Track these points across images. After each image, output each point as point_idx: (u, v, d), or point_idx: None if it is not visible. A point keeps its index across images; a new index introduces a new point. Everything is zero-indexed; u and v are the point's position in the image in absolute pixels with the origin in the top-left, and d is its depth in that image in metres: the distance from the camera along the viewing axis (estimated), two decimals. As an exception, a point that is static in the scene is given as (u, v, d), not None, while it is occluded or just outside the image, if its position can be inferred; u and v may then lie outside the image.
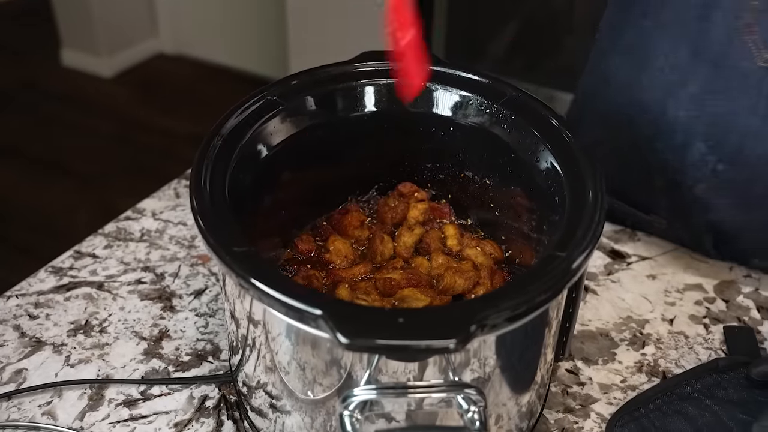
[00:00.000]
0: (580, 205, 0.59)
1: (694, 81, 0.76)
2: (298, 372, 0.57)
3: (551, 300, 0.53)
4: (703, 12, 0.74)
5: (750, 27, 0.71)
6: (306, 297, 0.50)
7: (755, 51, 0.72)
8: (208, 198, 0.59)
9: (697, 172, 0.80)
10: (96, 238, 0.87)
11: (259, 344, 0.59)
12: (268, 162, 0.69)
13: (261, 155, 0.68)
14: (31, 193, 2.58)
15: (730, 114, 0.75)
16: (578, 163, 0.64)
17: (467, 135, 0.75)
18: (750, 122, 0.75)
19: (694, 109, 0.77)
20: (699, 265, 0.87)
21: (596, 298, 0.82)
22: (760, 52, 0.72)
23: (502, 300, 0.50)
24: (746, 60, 0.72)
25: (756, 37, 0.71)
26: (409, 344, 0.47)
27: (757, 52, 0.72)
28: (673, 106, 0.78)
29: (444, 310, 0.52)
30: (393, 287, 0.65)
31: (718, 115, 0.76)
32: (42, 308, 0.78)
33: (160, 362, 0.73)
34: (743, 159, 0.77)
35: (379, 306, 0.62)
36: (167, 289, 0.81)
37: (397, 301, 0.64)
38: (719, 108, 0.76)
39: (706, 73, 0.75)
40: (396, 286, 0.65)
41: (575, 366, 0.74)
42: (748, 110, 0.74)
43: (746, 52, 0.72)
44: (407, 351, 0.48)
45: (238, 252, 0.54)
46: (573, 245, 0.56)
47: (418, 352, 0.49)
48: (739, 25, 0.71)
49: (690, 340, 0.77)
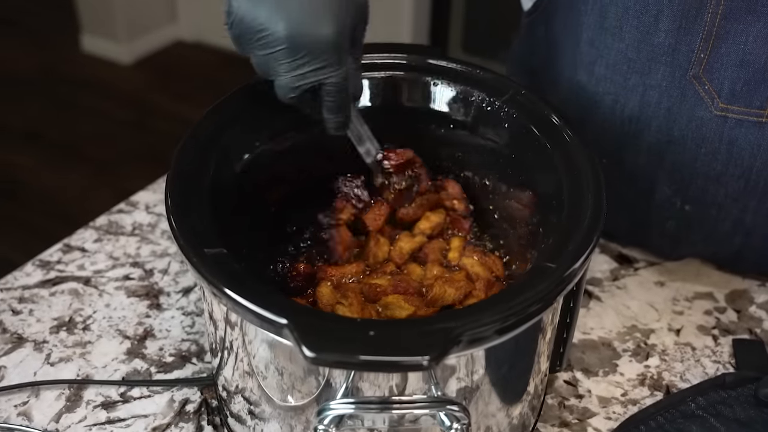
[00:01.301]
0: (577, 213, 0.56)
1: (648, 131, 0.74)
2: (275, 378, 0.55)
3: (538, 315, 0.50)
4: (646, 66, 0.71)
5: (700, 78, 0.69)
6: (273, 305, 0.47)
7: (708, 100, 0.70)
8: (184, 195, 0.56)
9: (665, 212, 0.78)
10: (87, 231, 0.85)
11: (236, 347, 0.56)
12: (257, 156, 0.66)
13: (250, 149, 0.66)
14: (48, 177, 2.58)
15: (690, 160, 0.74)
16: (579, 167, 0.60)
17: (467, 133, 0.72)
18: (712, 167, 0.73)
19: (653, 157, 0.76)
20: (710, 272, 0.83)
21: (600, 305, 0.78)
22: (714, 101, 0.70)
23: (483, 314, 0.47)
24: (701, 109, 0.71)
25: (708, 86, 0.69)
26: (379, 360, 0.44)
27: (710, 101, 0.70)
28: (630, 155, 0.77)
29: (420, 324, 0.49)
30: (378, 293, 0.62)
31: (679, 163, 0.75)
32: (26, 303, 0.76)
33: (142, 363, 0.70)
34: (709, 199, 0.75)
35: (359, 312, 0.59)
36: (155, 285, 0.79)
37: (381, 307, 0.61)
38: (678, 156, 0.74)
39: (660, 123, 0.73)
40: (381, 293, 0.62)
41: (574, 377, 0.71)
42: (710, 157, 0.73)
43: (700, 101, 0.71)
44: (377, 367, 0.45)
45: (209, 254, 0.51)
46: (565, 256, 0.52)
47: (390, 368, 0.46)
48: (689, 77, 0.70)
49: (697, 352, 0.74)
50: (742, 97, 0.69)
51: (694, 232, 0.79)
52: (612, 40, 0.72)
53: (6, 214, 2.43)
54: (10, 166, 2.61)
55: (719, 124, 0.71)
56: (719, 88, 0.70)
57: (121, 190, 2.54)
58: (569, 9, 0.76)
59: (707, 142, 0.72)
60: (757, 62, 0.67)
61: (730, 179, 0.73)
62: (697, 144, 0.73)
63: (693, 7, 0.67)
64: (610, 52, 0.73)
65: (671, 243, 0.81)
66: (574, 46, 0.76)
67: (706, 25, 0.67)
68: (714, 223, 0.77)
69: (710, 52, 0.68)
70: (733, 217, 0.76)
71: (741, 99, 0.69)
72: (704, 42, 0.68)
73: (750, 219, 0.76)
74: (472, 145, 0.72)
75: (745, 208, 0.75)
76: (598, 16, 0.72)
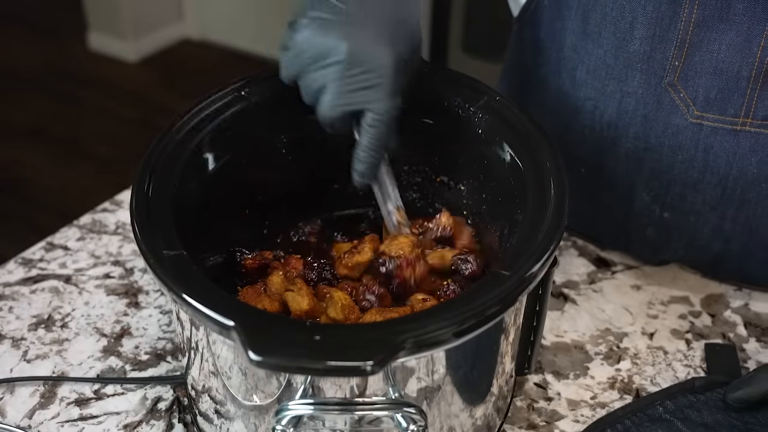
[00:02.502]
0: (537, 223, 0.56)
1: (625, 137, 0.75)
2: (239, 377, 0.56)
3: (487, 322, 0.50)
4: (623, 72, 0.72)
5: (675, 86, 0.70)
6: (221, 306, 0.48)
7: (684, 108, 0.70)
8: (149, 197, 0.57)
9: (645, 219, 0.79)
10: (70, 229, 0.86)
11: (201, 347, 0.57)
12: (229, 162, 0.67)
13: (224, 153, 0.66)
14: (51, 174, 2.60)
15: (668, 167, 0.74)
16: (546, 180, 0.60)
17: (443, 138, 0.72)
18: (689, 175, 0.74)
19: (632, 164, 0.76)
20: (688, 276, 0.83)
21: (575, 308, 0.79)
22: (689, 108, 0.70)
23: (429, 320, 0.47)
24: (677, 116, 0.71)
25: (683, 94, 0.70)
26: (324, 366, 0.44)
27: (686, 108, 0.70)
28: (610, 161, 0.77)
29: (366, 329, 0.49)
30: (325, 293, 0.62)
31: (656, 170, 0.75)
32: (6, 300, 0.77)
33: (117, 360, 0.71)
34: (688, 207, 0.76)
35: (309, 301, 0.60)
36: (135, 284, 0.80)
37: (326, 302, 0.61)
38: (656, 163, 0.74)
39: (637, 130, 0.74)
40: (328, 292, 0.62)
41: (544, 380, 0.71)
42: (686, 164, 0.73)
43: (675, 108, 0.71)
44: (321, 372, 0.46)
45: (167, 256, 0.52)
46: (519, 265, 0.53)
47: (334, 373, 0.47)
48: (665, 84, 0.70)
49: (669, 356, 0.74)
50: (717, 104, 0.69)
51: (673, 239, 0.79)
52: (592, 45, 0.73)
53: (8, 210, 2.45)
54: (14, 163, 2.64)
55: (695, 132, 0.71)
56: (694, 95, 0.70)
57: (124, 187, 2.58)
58: (554, 14, 0.76)
59: (683, 149, 0.72)
60: (730, 70, 0.68)
61: (707, 187, 0.74)
62: (673, 151, 0.73)
63: (667, 16, 0.67)
64: (591, 58, 0.73)
65: (652, 249, 0.82)
66: (558, 51, 0.77)
67: (680, 33, 0.68)
68: (693, 230, 0.77)
69: (684, 60, 0.69)
70: (711, 224, 0.76)
71: (715, 107, 0.70)
72: (678, 50, 0.68)
73: (729, 227, 0.76)
74: (447, 150, 0.73)
75: (723, 215, 0.75)
76: (581, 21, 0.73)
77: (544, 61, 0.79)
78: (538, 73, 0.80)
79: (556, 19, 0.76)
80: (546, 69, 0.79)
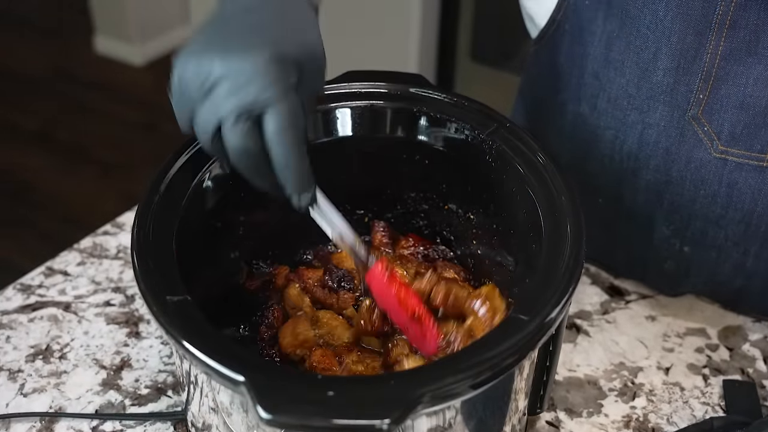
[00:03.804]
0: (554, 263, 0.54)
1: (646, 169, 0.72)
2: (240, 415, 0.54)
3: (505, 372, 0.48)
4: (646, 103, 0.69)
5: (699, 119, 0.67)
6: (230, 360, 0.46)
7: (708, 142, 0.68)
8: (150, 240, 0.55)
9: (663, 252, 0.76)
10: (70, 253, 0.84)
11: (201, 382, 0.55)
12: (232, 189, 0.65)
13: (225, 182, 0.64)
14: (56, 179, 2.59)
15: (689, 202, 0.72)
16: (561, 215, 0.58)
17: (452, 165, 0.70)
18: (712, 210, 0.71)
19: (651, 196, 0.73)
20: (704, 306, 0.80)
21: (588, 341, 0.76)
22: (713, 142, 0.68)
23: (447, 373, 0.45)
24: (700, 150, 0.69)
25: (707, 128, 0.67)
26: (339, 425, 0.42)
27: (710, 142, 0.68)
28: (629, 192, 0.75)
29: (381, 383, 0.47)
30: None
31: (677, 204, 0.72)
32: (3, 329, 0.75)
33: (117, 395, 0.69)
34: (709, 242, 0.73)
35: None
36: (135, 313, 0.78)
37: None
38: (677, 197, 0.72)
39: (658, 163, 0.71)
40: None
41: (557, 417, 0.69)
42: (709, 199, 0.70)
43: (699, 142, 0.68)
44: (336, 430, 0.43)
45: (170, 302, 0.50)
46: (538, 309, 0.50)
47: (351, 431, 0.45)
48: (688, 117, 0.68)
49: (686, 393, 0.71)
50: (743, 140, 0.67)
51: (693, 273, 0.77)
52: (614, 74, 0.70)
53: (13, 216, 2.43)
54: (19, 168, 2.62)
55: (719, 167, 0.69)
56: (719, 130, 0.67)
57: (130, 192, 2.57)
58: (575, 40, 0.74)
59: (706, 184, 0.70)
60: (757, 105, 0.65)
61: (731, 223, 0.71)
62: (695, 185, 0.71)
63: (692, 48, 0.65)
64: (612, 86, 0.71)
65: (670, 282, 0.79)
66: (579, 78, 0.74)
67: (706, 65, 0.65)
68: (714, 265, 0.75)
69: (710, 94, 0.66)
70: (733, 260, 0.74)
71: (741, 142, 0.67)
72: (703, 83, 0.66)
73: (751, 263, 0.73)
74: (456, 177, 0.70)
75: (746, 252, 0.73)
76: (604, 48, 0.70)
77: (563, 87, 0.77)
78: (556, 98, 0.78)
79: (577, 45, 0.73)
80: (565, 95, 0.77)
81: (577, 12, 0.72)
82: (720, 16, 0.63)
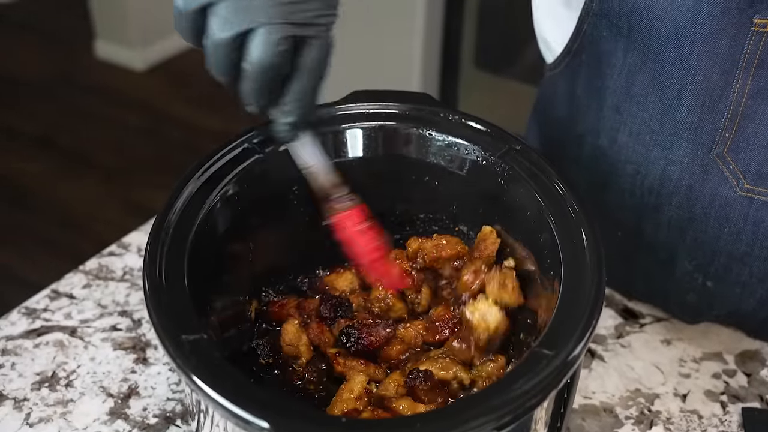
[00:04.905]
0: (575, 294, 0.53)
1: (668, 206, 0.71)
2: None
3: (528, 413, 0.47)
4: (669, 140, 0.68)
5: (724, 158, 0.66)
6: (253, 404, 0.44)
7: (733, 180, 0.66)
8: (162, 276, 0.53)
9: (685, 285, 0.74)
10: (76, 275, 0.83)
11: (211, 411, 0.54)
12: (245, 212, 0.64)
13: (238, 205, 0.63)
14: (58, 185, 2.58)
15: (713, 239, 0.70)
16: (579, 242, 0.57)
17: (462, 186, 0.69)
18: (736, 247, 0.69)
19: (674, 232, 0.72)
20: (720, 330, 0.79)
21: (603, 366, 0.75)
22: (739, 181, 0.66)
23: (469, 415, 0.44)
24: (725, 188, 0.67)
25: (733, 166, 0.66)
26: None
27: (735, 181, 0.66)
28: (650, 227, 0.73)
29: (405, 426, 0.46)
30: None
31: (700, 240, 0.71)
32: (9, 356, 0.74)
33: (125, 424, 0.68)
34: (733, 278, 0.71)
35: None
36: (143, 338, 0.76)
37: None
38: (700, 234, 0.70)
39: (681, 200, 0.70)
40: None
41: (573, 448, 0.68)
42: (734, 237, 0.69)
43: (724, 180, 0.67)
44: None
45: (186, 341, 0.49)
46: (562, 343, 0.49)
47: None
48: (713, 156, 0.66)
49: (704, 421, 0.70)
50: None
51: (716, 307, 0.75)
52: (637, 108, 0.69)
53: (14, 222, 2.42)
54: (20, 174, 2.61)
55: (744, 205, 0.67)
56: (745, 168, 0.66)
57: (131, 198, 2.56)
58: (594, 71, 0.72)
59: (731, 222, 0.68)
60: None
61: (756, 260, 0.70)
62: (720, 223, 0.69)
63: (718, 86, 0.63)
64: (635, 121, 0.69)
65: (692, 312, 0.77)
66: (598, 110, 0.73)
67: (732, 104, 0.64)
68: (738, 300, 0.73)
69: (736, 132, 0.65)
70: (758, 296, 0.72)
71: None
72: (729, 121, 0.64)
73: None
74: (467, 199, 0.69)
75: None
76: (625, 82, 0.68)
77: (581, 119, 0.75)
78: (574, 129, 0.76)
79: (595, 77, 0.72)
80: (583, 126, 0.75)
81: (594, 43, 0.70)
82: (748, 55, 0.61)
